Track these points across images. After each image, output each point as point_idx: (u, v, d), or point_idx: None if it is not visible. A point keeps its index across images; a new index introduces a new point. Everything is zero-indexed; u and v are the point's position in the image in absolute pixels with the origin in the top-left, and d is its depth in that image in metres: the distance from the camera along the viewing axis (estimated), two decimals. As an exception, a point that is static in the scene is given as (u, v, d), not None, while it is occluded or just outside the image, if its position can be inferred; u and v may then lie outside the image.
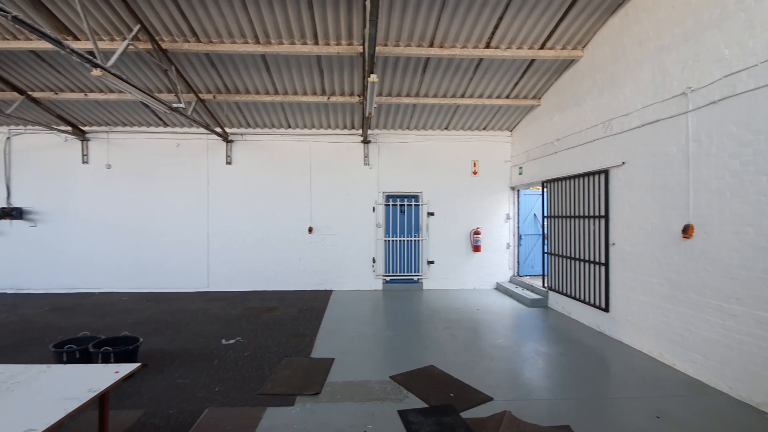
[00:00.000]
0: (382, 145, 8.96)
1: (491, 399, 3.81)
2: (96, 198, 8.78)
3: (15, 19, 3.77)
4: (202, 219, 8.81)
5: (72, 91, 7.51)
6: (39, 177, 8.79)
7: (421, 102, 7.64)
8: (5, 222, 8.72)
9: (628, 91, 5.37)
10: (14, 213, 8.64)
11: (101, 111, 8.20)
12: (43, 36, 4.08)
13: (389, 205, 9.02)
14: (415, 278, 9.02)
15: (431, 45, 6.13)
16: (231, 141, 8.84)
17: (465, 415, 3.51)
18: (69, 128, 8.52)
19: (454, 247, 9.05)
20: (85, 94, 7.52)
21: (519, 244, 9.14)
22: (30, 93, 7.47)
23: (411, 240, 9.06)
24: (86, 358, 4.31)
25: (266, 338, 5.60)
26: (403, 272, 9.03)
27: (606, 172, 5.76)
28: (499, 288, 8.86)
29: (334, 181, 8.92)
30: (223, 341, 5.47)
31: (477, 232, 8.89)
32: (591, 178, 6.13)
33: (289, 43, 6.07)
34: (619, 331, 5.50)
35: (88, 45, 5.82)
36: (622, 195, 5.45)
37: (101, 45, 5.78)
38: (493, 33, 5.93)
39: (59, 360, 4.26)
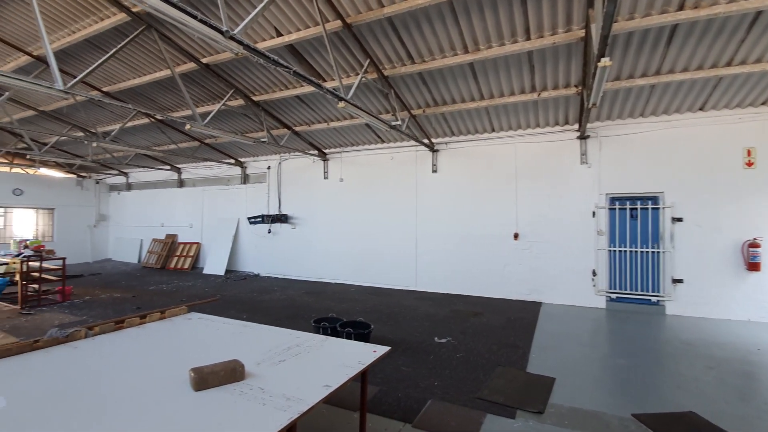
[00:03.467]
0: (604, 140, 7.70)
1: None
2: (333, 206, 10.87)
3: (295, 73, 4.98)
4: (411, 223, 9.67)
5: (319, 122, 9.55)
6: (296, 190, 11.57)
7: (663, 80, 6.18)
8: (277, 225, 11.81)
9: None
10: (282, 218, 11.61)
11: (337, 136, 10.11)
12: (310, 83, 5.25)
13: (615, 208, 7.63)
14: (654, 299, 7.30)
15: (681, 8, 4.90)
16: (436, 150, 9.40)
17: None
18: (316, 152, 10.88)
19: (715, 263, 6.89)
20: (328, 124, 9.44)
21: (835, 264, 6.22)
22: (294, 128, 9.89)
23: (647, 251, 7.40)
24: (334, 334, 5.25)
25: (476, 343, 5.61)
26: (636, 290, 7.45)
27: None
28: (796, 324, 6.25)
29: (543, 184, 8.23)
30: (436, 339, 5.76)
31: (754, 245, 6.50)
32: None
33: (499, 45, 5.98)
34: None
35: (333, 84, 7.26)
36: None
37: (343, 82, 7.10)
38: (790, -33, 4.27)
39: (317, 332, 5.34)
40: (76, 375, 2.41)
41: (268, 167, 12.09)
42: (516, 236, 8.42)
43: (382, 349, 2.80)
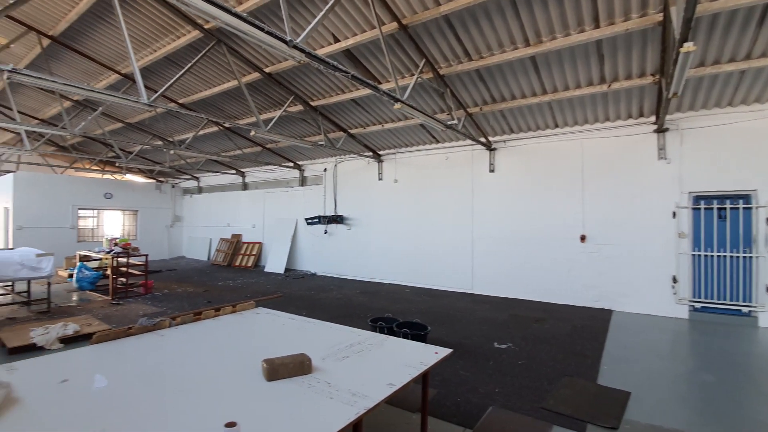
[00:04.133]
0: (686, 132, 6.95)
1: None
2: (387, 207, 10.96)
3: (353, 77, 5.08)
4: (467, 224, 9.46)
5: (374, 124, 9.68)
6: (351, 191, 11.82)
7: (754, 65, 5.46)
8: (333, 226, 12.15)
9: None
10: (338, 219, 11.92)
11: (392, 137, 10.19)
12: (367, 85, 5.32)
13: (699, 208, 6.87)
14: (745, 309, 6.47)
15: (780, -19, 4.32)
16: (494, 149, 9.11)
17: None
18: (370, 153, 11.04)
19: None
20: (382, 125, 9.53)
21: None
22: (349, 130, 10.12)
23: (736, 256, 6.58)
24: (391, 334, 5.27)
25: (538, 350, 5.34)
26: (724, 299, 6.66)
27: None
28: None
29: (614, 182, 7.62)
30: (496, 344, 5.57)
31: None
32: None
33: (563, 36, 5.66)
34: None
35: (389, 85, 7.33)
36: None
37: (398, 83, 7.14)
38: None
39: (373, 332, 5.40)
40: (163, 359, 2.65)
41: (324, 169, 12.48)
42: (583, 238, 7.89)
43: (444, 351, 2.76)
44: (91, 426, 1.79)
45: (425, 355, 2.69)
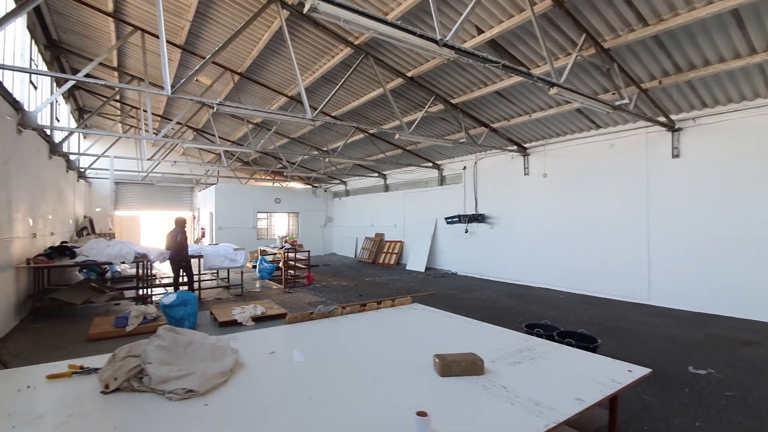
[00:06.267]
0: None
1: None
2: (534, 204, 10.12)
3: (504, 66, 4.80)
4: (640, 223, 7.98)
5: (519, 116, 9.05)
6: (493, 189, 11.31)
7: None
8: (474, 225, 11.83)
9: None
10: (479, 218, 11.55)
11: (540, 128, 9.36)
12: (519, 73, 4.98)
13: None
14: None
15: None
16: (678, 129, 7.46)
17: None
18: (514, 147, 10.37)
19: None
20: (529, 116, 8.83)
21: None
22: (491, 125, 9.70)
23: None
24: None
25: (754, 381, 4.15)
26: None
27: None
28: None
29: None
30: (691, 369, 4.53)
31: None
32: None
33: (793, -30, 4.25)
34: None
35: (539, 70, 6.73)
36: None
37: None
38: None
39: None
40: (342, 343, 2.92)
41: (464, 168, 12.28)
42: (824, 239, 5.81)
43: (640, 371, 2.31)
44: (299, 392, 2.06)
45: (616, 373, 2.30)
